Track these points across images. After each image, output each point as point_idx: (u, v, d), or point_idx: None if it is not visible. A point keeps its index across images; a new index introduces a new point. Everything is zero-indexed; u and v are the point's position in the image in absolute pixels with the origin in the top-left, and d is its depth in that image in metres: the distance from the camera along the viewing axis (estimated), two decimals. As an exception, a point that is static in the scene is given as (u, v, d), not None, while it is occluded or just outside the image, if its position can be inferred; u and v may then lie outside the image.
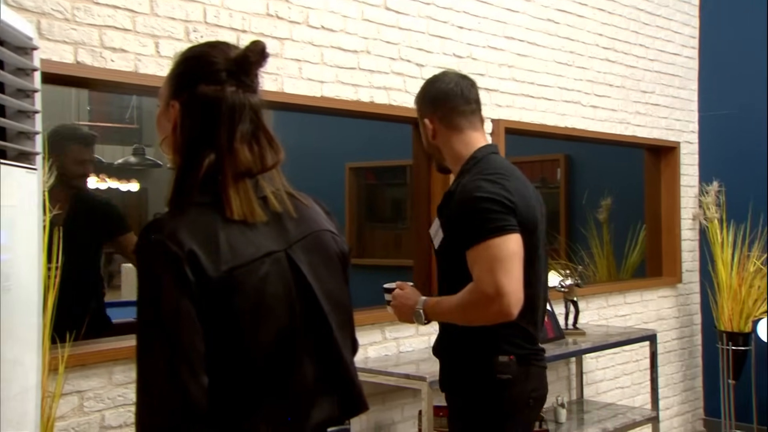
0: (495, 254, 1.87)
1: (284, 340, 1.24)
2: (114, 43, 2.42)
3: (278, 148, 1.32)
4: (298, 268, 1.27)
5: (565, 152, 6.00)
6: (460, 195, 2.00)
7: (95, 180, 11.25)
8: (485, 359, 2.01)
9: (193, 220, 1.20)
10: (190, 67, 1.31)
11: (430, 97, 2.17)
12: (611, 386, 4.40)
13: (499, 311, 1.85)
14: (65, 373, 2.15)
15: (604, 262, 5.29)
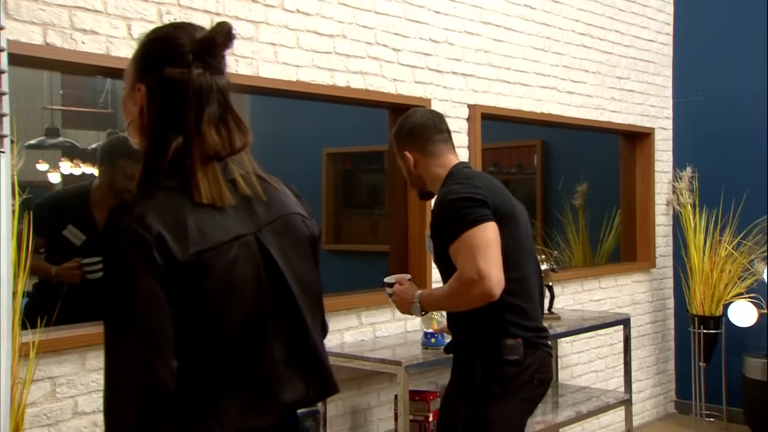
0: (473, 243, 2.06)
1: (254, 322, 1.24)
2: (85, 24, 2.39)
3: (246, 131, 1.31)
4: (268, 252, 1.27)
5: (542, 138, 6.03)
6: (437, 204, 2.24)
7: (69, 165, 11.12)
8: (493, 342, 2.18)
9: (161, 203, 1.19)
10: (155, 48, 1.29)
11: (406, 132, 2.37)
12: (586, 370, 4.45)
13: (482, 293, 2.03)
14: (36, 359, 2.13)
15: (580, 248, 5.33)
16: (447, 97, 3.64)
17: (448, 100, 3.65)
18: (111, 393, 1.14)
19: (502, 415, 2.18)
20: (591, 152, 5.57)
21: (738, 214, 4.77)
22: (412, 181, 2.42)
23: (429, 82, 3.55)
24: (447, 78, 3.64)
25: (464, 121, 3.73)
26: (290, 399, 1.27)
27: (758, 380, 4.52)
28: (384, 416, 3.33)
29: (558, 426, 3.55)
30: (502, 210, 2.18)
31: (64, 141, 8.41)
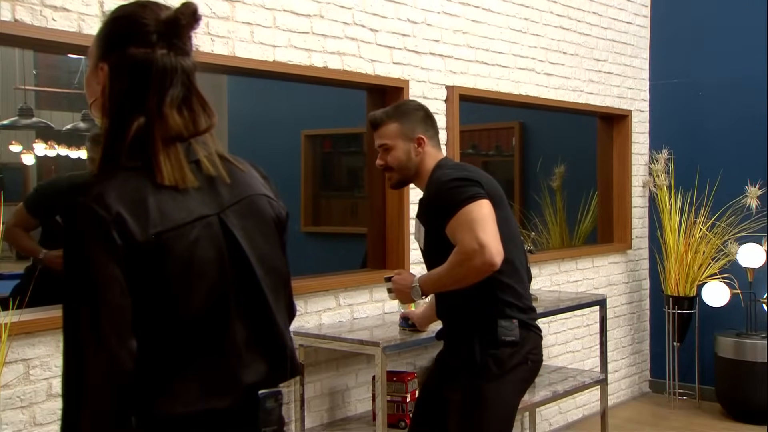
0: (471, 217, 2.11)
1: (215, 303, 1.23)
2: (55, 1, 2.34)
3: (211, 113, 1.29)
4: (231, 233, 1.26)
5: (520, 120, 6.04)
6: (430, 189, 2.30)
7: (44, 147, 10.98)
8: (489, 323, 2.21)
9: (122, 184, 1.18)
10: (119, 27, 1.27)
11: (423, 115, 2.42)
12: (562, 350, 4.49)
13: (483, 262, 2.06)
14: (10, 341, 2.10)
15: (557, 229, 5.36)
16: (425, 78, 3.63)
17: (426, 81, 3.63)
18: (69, 374, 1.13)
19: (499, 393, 2.22)
20: (569, 134, 5.59)
21: (712, 195, 4.82)
22: (404, 166, 2.39)
23: (407, 63, 3.53)
24: (425, 59, 3.62)
25: (442, 103, 3.72)
26: (251, 380, 1.27)
27: (729, 359, 4.60)
28: (362, 397, 3.34)
29: (535, 406, 3.59)
30: (492, 193, 2.22)
31: (39, 122, 8.30)
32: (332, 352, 3.12)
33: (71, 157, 11.88)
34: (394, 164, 2.39)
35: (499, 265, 2.09)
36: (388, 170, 2.43)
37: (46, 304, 2.37)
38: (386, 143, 2.38)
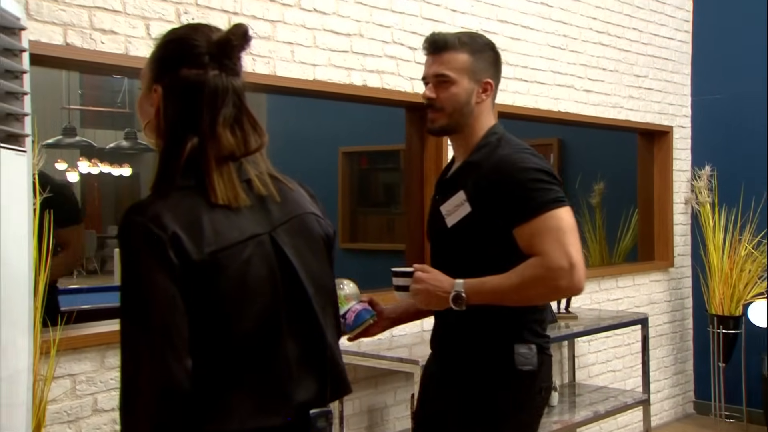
0: (561, 226, 1.76)
1: (267, 322, 1.24)
2: (104, 24, 2.40)
3: (262, 132, 1.31)
4: (282, 251, 1.27)
5: (558, 136, 6.00)
6: (502, 166, 1.83)
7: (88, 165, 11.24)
8: (504, 348, 1.86)
9: (177, 203, 1.20)
10: (171, 50, 1.29)
11: (493, 60, 1.96)
12: (603, 369, 4.42)
13: (570, 285, 1.74)
14: (57, 357, 2.15)
15: (597, 247, 5.30)
16: (464, 96, 3.62)
17: (465, 99, 3.63)
18: (126, 391, 1.14)
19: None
20: (608, 151, 5.54)
21: (758, 212, 4.72)
22: (457, 108, 1.89)
23: (446, 81, 3.54)
24: (464, 76, 3.62)
25: (481, 120, 3.71)
26: (303, 399, 1.27)
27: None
28: (400, 415, 3.33)
29: (575, 426, 3.54)
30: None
31: (82, 140, 8.51)
32: (371, 369, 3.12)
33: (113, 174, 12.15)
34: (448, 103, 1.89)
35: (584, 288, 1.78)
36: (435, 110, 1.92)
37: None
38: (448, 74, 1.88)
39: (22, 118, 1.61)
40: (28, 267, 1.68)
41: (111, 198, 15.64)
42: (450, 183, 1.93)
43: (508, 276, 1.77)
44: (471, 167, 1.89)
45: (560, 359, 4.16)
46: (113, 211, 15.58)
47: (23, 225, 1.65)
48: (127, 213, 1.20)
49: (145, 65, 1.33)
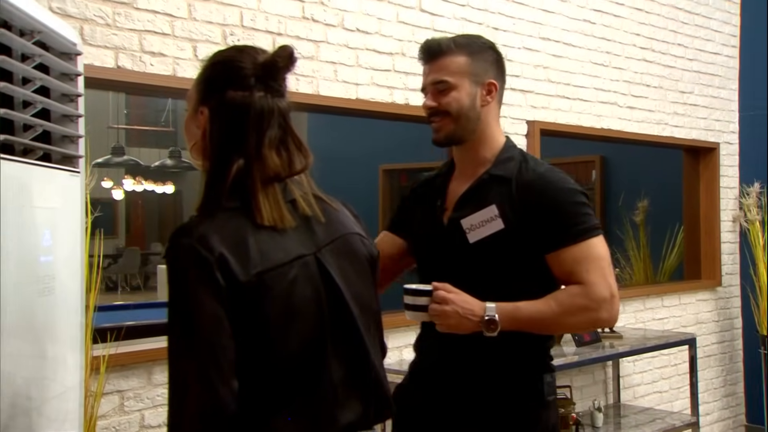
0: (603, 255, 1.69)
1: (313, 342, 1.24)
2: (153, 47, 2.46)
3: (307, 153, 1.32)
4: (327, 272, 1.27)
5: (601, 153, 5.95)
6: (544, 185, 1.72)
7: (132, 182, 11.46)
8: (534, 379, 1.76)
9: (223, 224, 1.21)
10: (218, 72, 1.31)
11: (494, 60, 1.81)
12: (649, 390, 4.33)
13: (610, 317, 1.69)
14: (106, 373, 2.18)
15: (641, 265, 5.22)
16: (506, 114, 3.62)
17: (507, 117, 3.62)
18: (173, 411, 1.15)
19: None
20: (651, 167, 5.47)
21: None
22: (462, 112, 1.76)
23: (487, 99, 3.53)
24: (505, 94, 3.60)
25: (523, 138, 3.70)
26: (348, 420, 1.26)
27: (833, 404, 4.33)
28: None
29: (621, 448, 3.47)
30: None
31: (129, 159, 8.69)
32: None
33: (157, 191, 12.37)
34: (452, 108, 1.75)
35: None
36: (438, 116, 1.78)
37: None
38: (446, 80, 1.75)
39: (77, 140, 1.65)
40: (80, 285, 1.72)
41: (154, 215, 15.91)
42: (472, 196, 1.77)
43: (546, 303, 1.67)
44: (497, 181, 1.75)
45: (605, 379, 4.09)
46: (156, 228, 15.84)
47: (76, 244, 1.69)
48: (174, 234, 1.21)
49: (192, 87, 1.35)
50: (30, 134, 1.45)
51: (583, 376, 3.94)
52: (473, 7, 3.47)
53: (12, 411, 1.31)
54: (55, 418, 1.53)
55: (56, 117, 1.58)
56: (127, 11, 2.40)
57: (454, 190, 1.83)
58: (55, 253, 1.55)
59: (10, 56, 1.34)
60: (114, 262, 12.23)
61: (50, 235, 1.52)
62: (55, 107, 1.55)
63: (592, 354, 3.39)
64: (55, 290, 1.54)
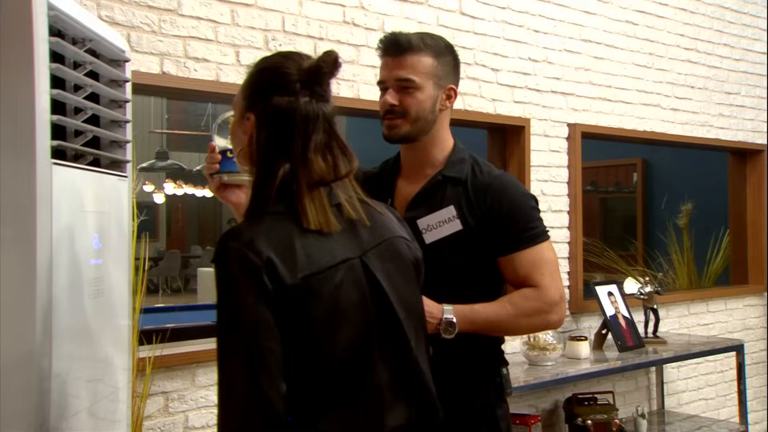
0: (553, 259, 1.75)
1: (359, 346, 1.24)
2: (197, 53, 2.49)
3: (351, 157, 1.32)
4: (373, 275, 1.27)
5: (642, 156, 5.87)
6: (501, 188, 1.74)
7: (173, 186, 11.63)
8: (494, 373, 1.78)
9: (270, 229, 1.22)
10: (264, 78, 1.32)
11: (454, 65, 1.80)
12: (694, 397, 4.25)
13: (560, 319, 1.74)
14: (151, 375, 2.21)
15: (685, 269, 5.13)
16: (546, 117, 3.59)
17: (548, 120, 3.59)
18: (223, 413, 1.16)
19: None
20: (695, 170, 5.38)
21: None
22: (422, 115, 1.73)
23: (528, 102, 3.51)
24: (546, 97, 3.59)
25: (564, 141, 3.67)
26: (395, 424, 1.26)
27: None
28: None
29: (666, 456, 3.41)
30: None
31: (173, 163, 8.82)
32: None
33: (197, 195, 12.53)
34: (413, 110, 1.71)
35: None
36: (396, 115, 1.73)
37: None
38: (413, 79, 1.70)
39: (124, 145, 1.68)
40: (127, 288, 1.75)
41: (194, 219, 16.12)
42: (427, 196, 1.76)
43: (501, 305, 1.69)
44: (451, 182, 1.75)
45: (648, 385, 4.02)
46: (196, 231, 16.05)
47: (124, 247, 1.72)
48: (222, 238, 1.22)
49: (238, 94, 1.36)
50: (81, 140, 1.48)
51: (626, 382, 3.88)
52: (514, 9, 3.45)
53: (64, 411, 1.34)
54: (105, 418, 1.56)
55: (105, 122, 1.61)
56: (172, 18, 2.44)
57: (402, 189, 1.81)
58: (104, 256, 1.58)
59: (63, 64, 1.37)
60: (155, 265, 12.42)
61: (99, 239, 1.55)
62: (105, 113, 1.58)
63: (635, 359, 3.35)
64: (104, 293, 1.57)
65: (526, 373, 2.91)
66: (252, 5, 2.63)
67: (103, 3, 2.29)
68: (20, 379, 1.21)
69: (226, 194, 1.68)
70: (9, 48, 1.20)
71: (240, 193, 1.70)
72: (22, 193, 1.23)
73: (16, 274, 1.23)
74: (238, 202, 1.70)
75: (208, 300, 6.40)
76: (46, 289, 1.25)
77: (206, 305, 3.57)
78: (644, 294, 3.70)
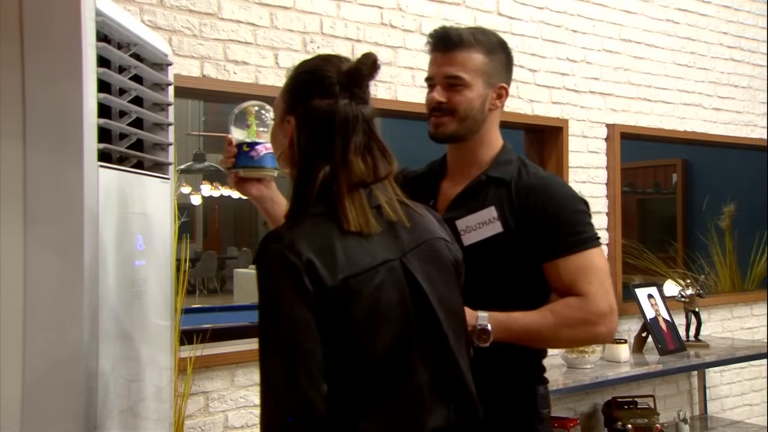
0: (603, 266, 1.62)
1: (399, 347, 1.24)
2: (237, 56, 2.52)
3: (391, 159, 1.32)
4: (413, 276, 1.27)
5: (682, 157, 5.77)
6: (546, 190, 1.64)
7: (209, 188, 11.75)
8: (528, 391, 1.66)
9: (311, 230, 1.23)
10: (304, 81, 1.33)
11: (506, 63, 1.73)
12: (738, 403, 4.16)
13: (609, 332, 1.61)
14: (192, 375, 2.24)
15: (727, 272, 5.02)
16: (585, 117, 3.55)
17: (586, 120, 3.55)
18: (265, 412, 1.17)
19: None
20: (738, 171, 5.26)
21: None
22: (470, 114, 1.67)
23: (566, 102, 3.48)
24: (585, 98, 3.55)
25: (602, 141, 3.62)
26: (434, 425, 1.26)
27: None
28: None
29: (709, 462, 3.35)
30: None
31: (210, 165, 8.91)
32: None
33: (233, 197, 12.65)
34: (461, 108, 1.65)
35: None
36: (442, 112, 1.68)
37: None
38: (462, 77, 1.65)
39: (167, 148, 1.71)
40: (170, 289, 1.77)
41: (230, 220, 16.27)
42: (468, 196, 1.68)
43: (542, 314, 1.57)
44: (494, 183, 1.67)
45: (689, 390, 3.95)
46: (232, 232, 16.20)
47: (166, 249, 1.74)
48: (264, 239, 1.23)
49: (278, 97, 1.37)
50: (125, 143, 1.50)
51: (667, 386, 3.82)
52: (552, 9, 3.42)
53: (109, 410, 1.36)
54: (148, 417, 1.58)
55: (148, 125, 1.64)
56: (213, 22, 2.46)
57: (446, 190, 1.74)
58: (147, 257, 1.60)
59: (109, 68, 1.40)
60: (192, 266, 12.57)
61: (143, 240, 1.57)
62: (148, 116, 1.60)
63: (676, 363, 3.29)
64: (147, 293, 1.59)
65: (565, 375, 2.88)
66: (290, 8, 2.64)
67: (145, 8, 2.32)
68: (68, 377, 1.23)
69: (246, 188, 1.69)
70: (59, 53, 1.22)
71: (261, 186, 1.70)
72: (70, 196, 1.25)
73: (64, 276, 1.25)
74: (259, 195, 1.70)
75: (245, 301, 6.45)
76: (93, 290, 1.27)
77: (245, 306, 3.61)
78: (685, 297, 3.64)
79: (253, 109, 1.68)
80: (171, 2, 2.38)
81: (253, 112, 1.68)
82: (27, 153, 1.23)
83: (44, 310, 1.23)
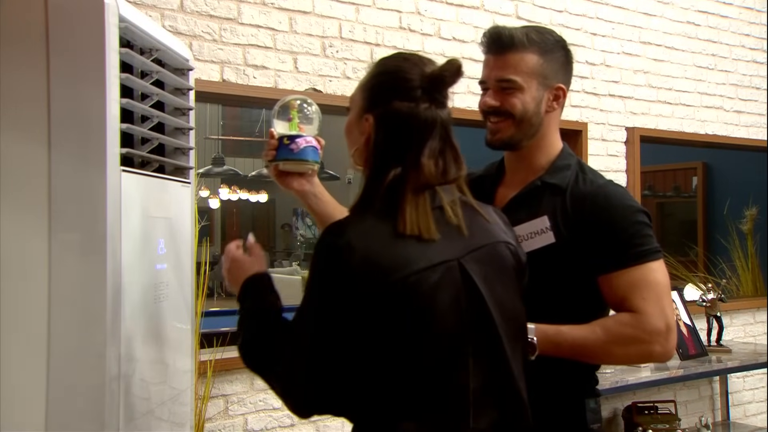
0: (662, 281, 1.52)
1: (452, 348, 1.23)
2: (256, 60, 2.53)
3: (461, 164, 1.31)
4: (471, 279, 1.26)
5: (703, 160, 5.72)
6: (603, 199, 1.56)
7: (228, 192, 11.82)
8: (577, 404, 1.59)
9: (370, 228, 1.23)
10: (385, 81, 1.31)
11: (564, 62, 1.64)
12: (761, 409, 4.11)
13: (664, 352, 1.50)
14: (212, 378, 2.25)
15: (749, 276, 4.96)
16: (604, 120, 3.53)
17: (605, 123, 3.53)
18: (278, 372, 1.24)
19: None
20: (760, 174, 5.21)
21: None
22: (526, 116, 1.58)
23: (585, 106, 3.46)
24: (604, 101, 3.53)
25: (622, 145, 3.60)
26: (482, 427, 1.25)
27: None
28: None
29: (731, 469, 3.31)
30: None
31: (229, 169, 8.97)
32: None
33: (251, 200, 12.71)
34: (517, 111, 1.57)
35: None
36: (498, 116, 1.60)
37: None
38: (514, 80, 1.57)
39: (188, 152, 1.72)
40: (190, 292, 1.78)
41: (248, 224, 16.33)
42: (522, 203, 1.60)
43: (592, 329, 1.49)
44: (548, 189, 1.59)
45: (711, 395, 3.91)
46: (251, 236, 16.21)
47: (187, 252, 1.76)
48: (326, 231, 1.24)
49: (356, 92, 1.36)
50: (147, 147, 1.52)
51: (688, 391, 3.78)
52: (571, 12, 3.41)
53: (131, 412, 1.37)
54: (169, 420, 1.59)
55: (170, 130, 1.65)
56: (233, 26, 2.48)
57: (502, 195, 1.67)
58: (169, 260, 1.61)
59: (132, 73, 1.41)
60: (210, 269, 12.62)
61: (164, 244, 1.58)
62: (170, 121, 1.61)
63: (698, 368, 3.26)
64: (168, 297, 1.60)
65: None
66: (309, 12, 2.65)
67: (166, 13, 2.34)
68: (92, 380, 1.24)
69: (288, 181, 1.67)
70: (83, 59, 1.24)
71: (303, 181, 1.67)
72: (93, 200, 1.26)
73: (87, 279, 1.26)
74: (300, 189, 1.67)
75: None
76: (116, 293, 1.28)
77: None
78: (707, 301, 3.60)
79: (296, 103, 1.66)
80: (192, 7, 2.40)
81: (296, 105, 1.66)
82: (51, 157, 1.24)
83: (68, 312, 1.25)
